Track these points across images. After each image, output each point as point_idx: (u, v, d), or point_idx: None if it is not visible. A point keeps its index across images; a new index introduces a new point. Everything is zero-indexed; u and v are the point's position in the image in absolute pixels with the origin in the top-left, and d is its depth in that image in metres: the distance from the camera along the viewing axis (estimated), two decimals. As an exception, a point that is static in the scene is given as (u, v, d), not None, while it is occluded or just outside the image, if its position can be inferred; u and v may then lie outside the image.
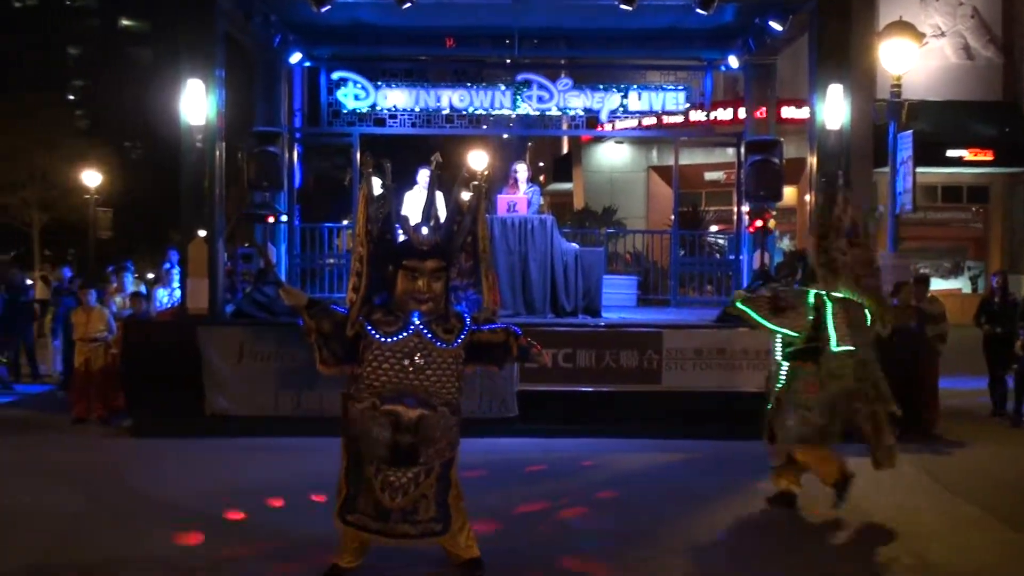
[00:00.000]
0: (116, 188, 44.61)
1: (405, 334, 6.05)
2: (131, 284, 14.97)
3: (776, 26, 13.23)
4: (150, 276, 22.59)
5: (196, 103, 11.96)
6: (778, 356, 8.13)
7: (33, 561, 6.77)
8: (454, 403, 6.12)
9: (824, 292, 7.94)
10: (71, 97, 57.88)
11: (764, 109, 15.58)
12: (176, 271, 14.29)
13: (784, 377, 8.03)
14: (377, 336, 6.05)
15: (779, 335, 8.01)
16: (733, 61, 15.33)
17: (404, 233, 6.29)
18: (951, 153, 24.78)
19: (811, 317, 7.84)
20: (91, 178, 41.42)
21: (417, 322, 6.07)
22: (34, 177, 42.38)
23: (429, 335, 6.06)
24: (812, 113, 12.34)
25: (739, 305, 8.05)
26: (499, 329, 6.39)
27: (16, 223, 43.75)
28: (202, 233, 12.32)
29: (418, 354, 6.04)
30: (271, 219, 14.59)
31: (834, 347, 7.84)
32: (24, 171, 42.03)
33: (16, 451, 10.51)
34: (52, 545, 7.12)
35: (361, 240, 6.24)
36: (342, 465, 6.17)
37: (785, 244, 25.58)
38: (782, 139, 14.89)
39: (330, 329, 6.15)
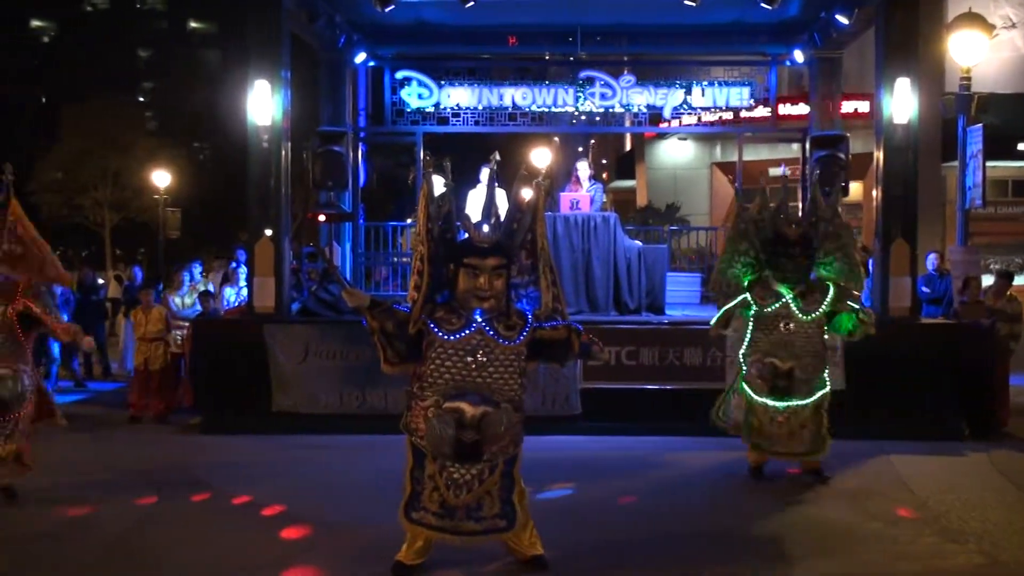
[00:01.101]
0: (185, 188, 45.22)
1: (467, 332, 6.09)
2: (188, 284, 15.23)
3: (842, 19, 13.09)
4: (217, 275, 22.86)
5: (262, 104, 12.11)
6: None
7: (101, 556, 6.93)
8: (517, 400, 6.16)
9: (754, 300, 8.69)
10: (141, 99, 58.84)
11: (830, 104, 15.39)
12: (243, 270, 14.49)
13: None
14: (440, 334, 6.09)
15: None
16: (798, 55, 15.18)
17: (465, 231, 6.32)
18: (1022, 147, 24.26)
19: (720, 314, 8.98)
20: (161, 178, 42.03)
21: (479, 319, 6.11)
22: (106, 178, 43.20)
23: (491, 332, 6.10)
24: (879, 107, 12.17)
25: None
26: (560, 326, 6.39)
27: (89, 223, 44.62)
28: (268, 232, 12.46)
29: (480, 351, 6.08)
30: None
31: (744, 352, 8.87)
32: (96, 172, 42.86)
33: (87, 447, 10.72)
34: (119, 541, 7.27)
35: (422, 238, 6.28)
36: (407, 463, 6.23)
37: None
38: (848, 134, 14.70)
39: (393, 328, 6.18)
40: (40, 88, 57.04)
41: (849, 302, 8.62)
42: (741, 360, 8.91)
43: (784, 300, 8.60)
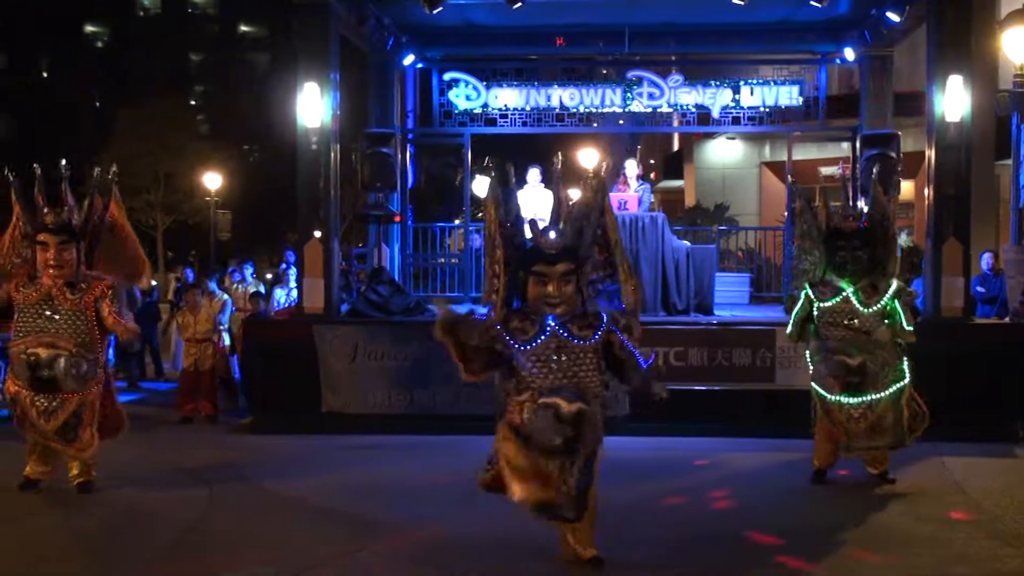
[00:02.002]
0: (235, 190, 45.72)
1: (542, 339, 6.16)
2: (248, 284, 15.40)
3: (893, 17, 12.95)
4: (268, 276, 23.12)
5: (312, 106, 12.21)
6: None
7: (159, 553, 7.03)
8: (602, 397, 6.27)
9: (815, 296, 8.68)
10: (193, 102, 59.46)
11: (880, 102, 15.23)
12: (293, 271, 14.61)
13: None
14: (515, 345, 6.15)
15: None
16: (849, 54, 15.04)
17: (532, 237, 6.32)
18: (1079, 144, 23.85)
19: (794, 317, 8.92)
20: (212, 181, 42.55)
21: (552, 324, 6.16)
22: (158, 180, 43.73)
23: (565, 334, 6.15)
24: (931, 105, 12.03)
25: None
26: (628, 351, 6.35)
27: (141, 225, 45.20)
28: (317, 234, 12.56)
29: (562, 354, 6.15)
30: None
31: (811, 352, 8.86)
32: (149, 175, 43.39)
33: (141, 447, 10.84)
34: (174, 539, 7.37)
35: (497, 243, 6.29)
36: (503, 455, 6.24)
37: (903, 240, 24.96)
38: (899, 132, 14.54)
39: (476, 341, 6.24)
40: (94, 92, 57.89)
41: (901, 304, 8.54)
42: (808, 359, 8.86)
43: (845, 294, 8.53)
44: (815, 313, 8.68)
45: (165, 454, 10.46)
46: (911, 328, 8.49)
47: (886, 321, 8.47)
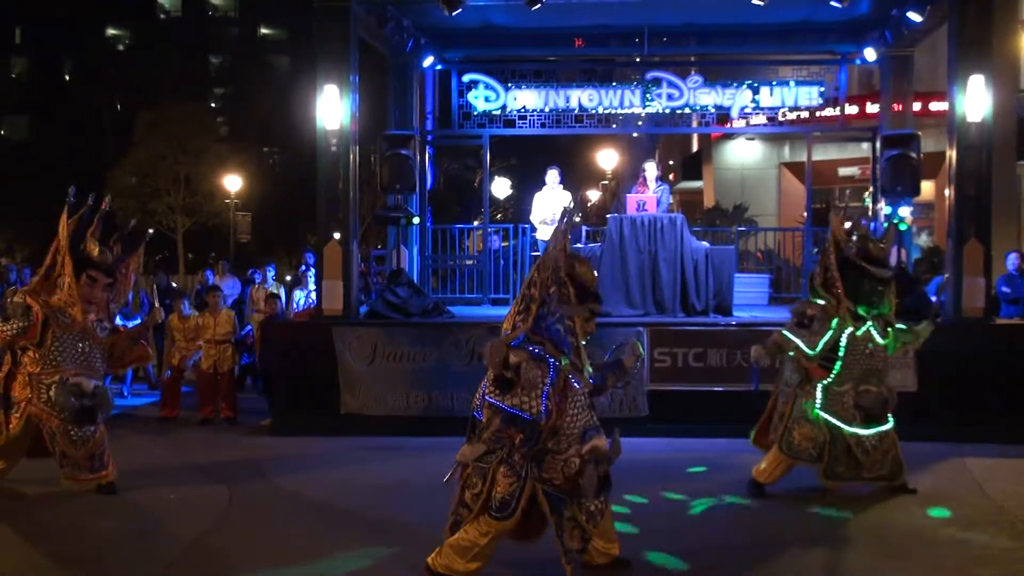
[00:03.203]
0: (255, 192, 45.90)
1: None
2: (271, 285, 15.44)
3: (914, 17, 12.89)
4: (287, 278, 23.19)
5: (331, 108, 12.25)
6: (788, 373, 8.68)
7: (179, 554, 7.07)
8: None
9: (849, 322, 8.29)
10: (213, 105, 59.72)
11: (901, 102, 15.16)
12: (312, 273, 14.65)
13: (789, 393, 8.64)
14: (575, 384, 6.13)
15: (794, 349, 8.43)
16: (869, 54, 14.97)
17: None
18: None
19: (826, 340, 8.29)
20: (232, 183, 42.72)
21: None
22: (178, 183, 43.91)
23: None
24: (952, 105, 11.96)
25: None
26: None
27: (162, 228, 45.40)
28: (337, 235, 12.59)
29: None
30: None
31: (830, 381, 8.39)
32: (169, 177, 43.59)
33: (161, 448, 10.93)
34: (194, 540, 7.42)
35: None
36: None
37: (923, 240, 24.85)
38: (920, 133, 14.47)
39: None
40: (115, 95, 58.22)
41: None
42: (821, 391, 8.45)
43: (868, 325, 8.33)
44: (843, 342, 8.30)
45: (185, 456, 10.52)
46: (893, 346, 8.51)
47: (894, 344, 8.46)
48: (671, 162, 38.91)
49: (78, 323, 8.45)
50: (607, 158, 38.08)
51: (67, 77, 62.19)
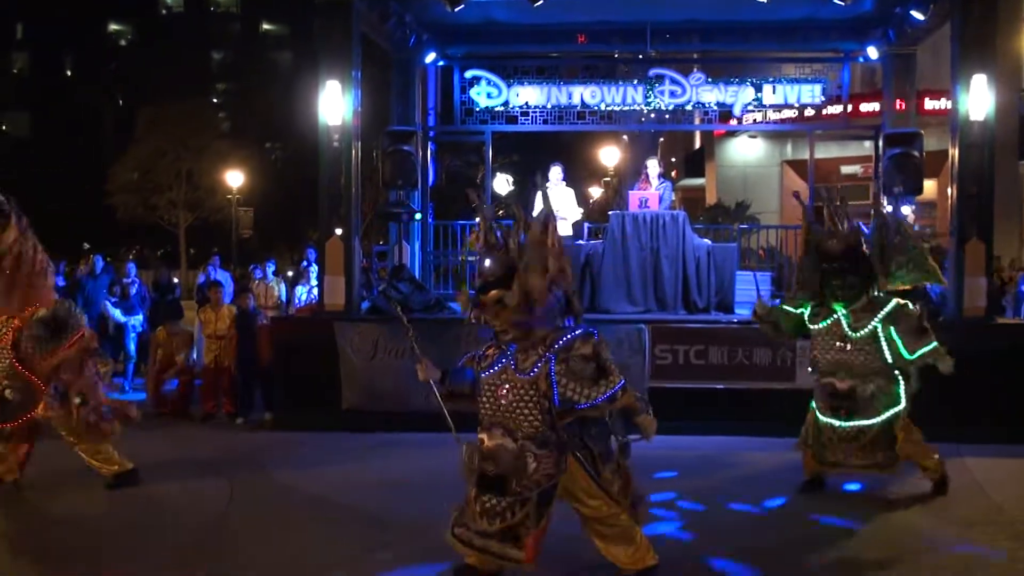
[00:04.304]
0: (257, 188, 45.92)
1: (497, 367, 6.11)
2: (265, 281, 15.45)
3: (917, 15, 12.89)
4: (289, 273, 23.21)
5: (333, 104, 12.24)
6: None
7: (180, 550, 7.08)
8: (540, 436, 5.81)
9: (808, 320, 8.49)
10: (215, 100, 59.74)
11: (903, 101, 15.15)
12: (314, 269, 14.65)
13: None
14: (482, 373, 6.19)
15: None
16: (872, 52, 14.97)
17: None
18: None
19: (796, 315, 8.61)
20: (234, 178, 42.74)
21: (510, 352, 6.09)
22: (180, 178, 43.96)
23: (512, 364, 5.99)
24: (954, 104, 11.95)
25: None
26: (600, 403, 5.86)
27: (164, 223, 45.44)
28: (338, 231, 12.59)
29: (507, 385, 5.97)
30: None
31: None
32: (171, 173, 43.65)
33: (163, 443, 10.92)
34: (195, 536, 7.43)
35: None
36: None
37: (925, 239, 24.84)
38: (922, 131, 14.47)
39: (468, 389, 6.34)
40: (117, 91, 58.25)
41: (900, 330, 8.11)
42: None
43: (836, 317, 8.25)
44: (811, 336, 8.48)
45: (186, 451, 10.52)
46: (914, 355, 8.07)
47: (885, 346, 8.15)
48: (673, 159, 38.90)
49: None
50: (609, 155, 38.08)
51: (68, 73, 62.22)
